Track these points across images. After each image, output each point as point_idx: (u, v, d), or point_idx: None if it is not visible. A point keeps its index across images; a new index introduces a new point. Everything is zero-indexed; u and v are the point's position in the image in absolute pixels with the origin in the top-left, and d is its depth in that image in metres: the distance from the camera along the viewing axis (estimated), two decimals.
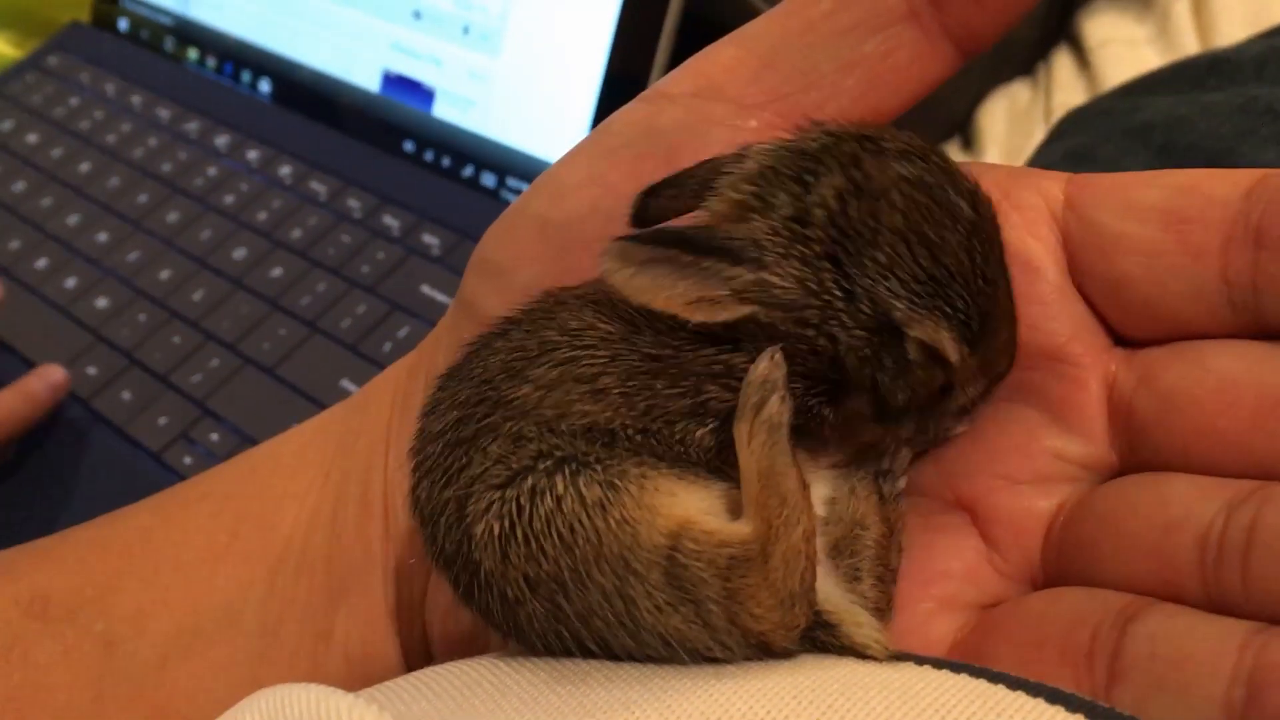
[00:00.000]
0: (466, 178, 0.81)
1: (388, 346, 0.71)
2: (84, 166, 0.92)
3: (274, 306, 0.76)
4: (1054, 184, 0.37)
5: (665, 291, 0.32)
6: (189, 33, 1.00)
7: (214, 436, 0.69)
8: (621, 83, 0.73)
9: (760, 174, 0.34)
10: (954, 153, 0.94)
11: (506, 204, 0.79)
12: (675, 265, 0.32)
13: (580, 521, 0.31)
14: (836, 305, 0.33)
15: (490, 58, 0.80)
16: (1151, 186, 0.35)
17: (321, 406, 0.69)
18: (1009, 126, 0.95)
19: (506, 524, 0.31)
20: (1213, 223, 0.33)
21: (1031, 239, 0.36)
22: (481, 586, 0.33)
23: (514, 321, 0.35)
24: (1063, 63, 0.96)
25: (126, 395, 0.73)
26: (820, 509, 0.35)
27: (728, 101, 0.37)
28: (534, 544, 0.31)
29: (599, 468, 0.31)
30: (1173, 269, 0.34)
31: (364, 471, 0.43)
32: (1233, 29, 0.83)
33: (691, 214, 0.35)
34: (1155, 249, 0.34)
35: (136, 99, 0.97)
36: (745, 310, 0.32)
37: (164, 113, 0.95)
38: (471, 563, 0.33)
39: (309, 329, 0.74)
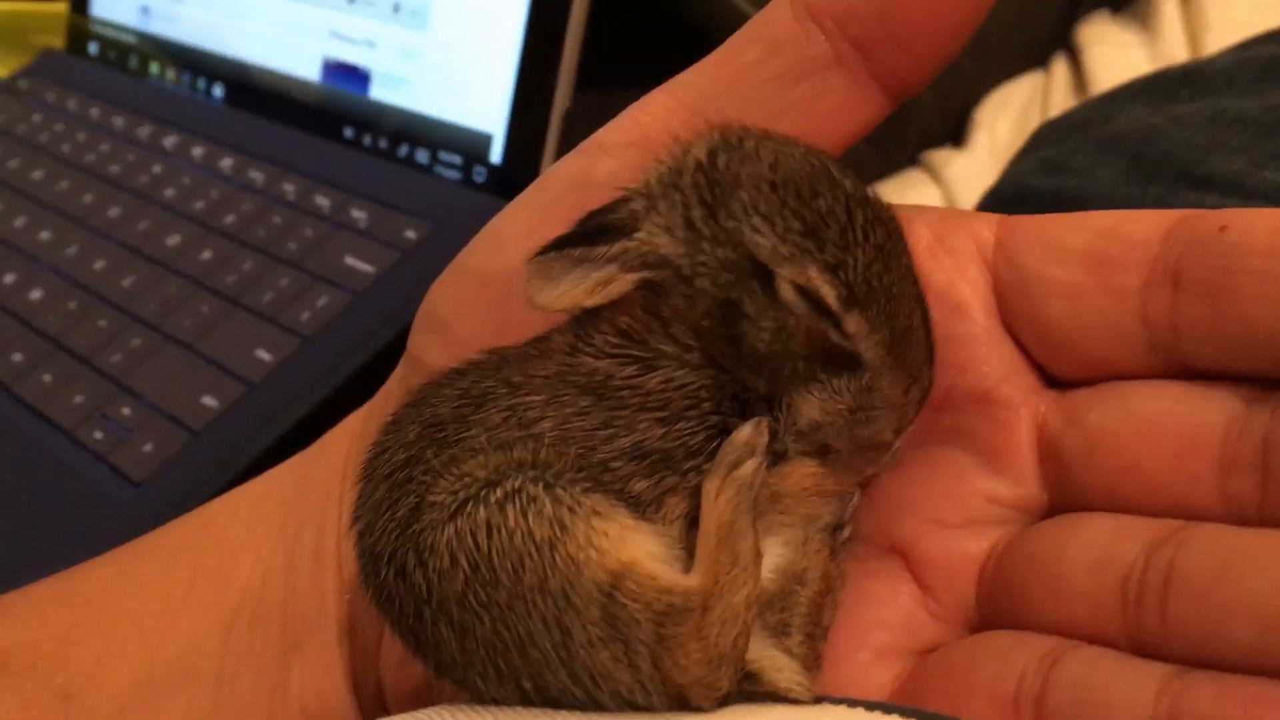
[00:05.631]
0: (402, 157, 0.80)
1: (305, 315, 0.69)
2: (37, 174, 0.92)
3: (200, 286, 0.74)
4: (985, 226, 0.37)
5: (570, 291, 0.33)
6: (151, 47, 1.01)
7: (126, 411, 0.67)
8: (538, 47, 0.71)
9: (653, 169, 0.35)
10: (948, 154, 0.92)
11: (440, 178, 0.77)
12: (575, 263, 0.33)
13: (530, 556, 0.31)
14: (702, 248, 0.32)
15: (419, 34, 0.79)
16: (1077, 229, 0.35)
17: (236, 377, 0.67)
18: (1012, 129, 0.94)
19: (463, 557, 0.32)
20: (1133, 265, 0.34)
21: (960, 281, 0.36)
22: (429, 620, 0.33)
23: (459, 372, 0.36)
24: (1060, 69, 0.95)
25: (47, 378, 0.72)
26: (768, 571, 0.34)
27: (659, 152, 0.37)
28: (486, 574, 0.31)
29: (548, 501, 0.32)
30: (1095, 311, 0.34)
31: (318, 522, 0.43)
32: (1224, 43, 0.81)
33: None
34: (1078, 291, 0.34)
35: (95, 110, 0.98)
36: (633, 278, 0.33)
37: (119, 121, 0.95)
38: (420, 595, 0.33)
39: (231, 305, 0.72)
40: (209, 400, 0.66)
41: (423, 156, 0.79)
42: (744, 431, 0.33)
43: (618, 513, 0.32)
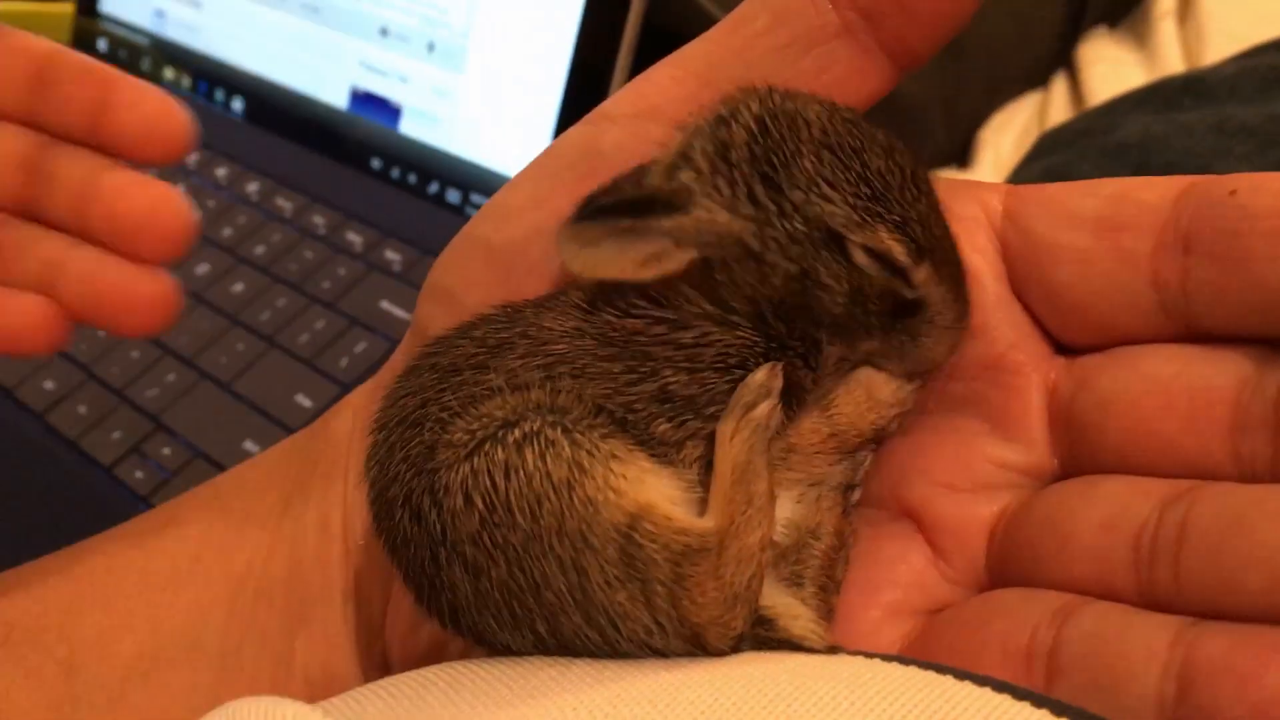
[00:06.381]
0: (432, 194, 0.81)
1: (344, 362, 0.71)
2: None
3: (233, 322, 0.75)
4: (993, 195, 0.37)
5: (616, 260, 0.33)
6: (165, 52, 1.00)
7: (166, 451, 0.69)
8: (581, 98, 0.73)
9: (684, 140, 0.35)
10: (953, 175, 0.95)
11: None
12: (621, 233, 0.33)
13: (548, 498, 0.31)
14: (772, 223, 0.33)
15: (455, 74, 0.80)
16: (1086, 195, 0.35)
17: (276, 422, 0.69)
18: (1014, 148, 0.96)
19: (479, 497, 0.32)
20: (1143, 229, 0.34)
21: (971, 250, 0.37)
22: (443, 562, 0.33)
23: (473, 325, 0.36)
24: (1059, 87, 0.97)
25: (82, 409, 0.73)
26: (780, 525, 0.35)
27: (666, 122, 0.38)
28: (503, 516, 0.32)
29: (567, 444, 0.32)
30: (1105, 276, 0.34)
31: (323, 495, 0.43)
32: (1222, 58, 0.83)
33: None
34: (1088, 257, 0.35)
35: None
36: (688, 255, 0.33)
37: None
38: (435, 536, 0.33)
39: (267, 344, 0.73)
40: (251, 445, 0.67)
41: (454, 197, 0.80)
42: (759, 374, 0.33)
43: (636, 456, 0.33)
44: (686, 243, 0.33)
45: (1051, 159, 0.78)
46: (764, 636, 0.34)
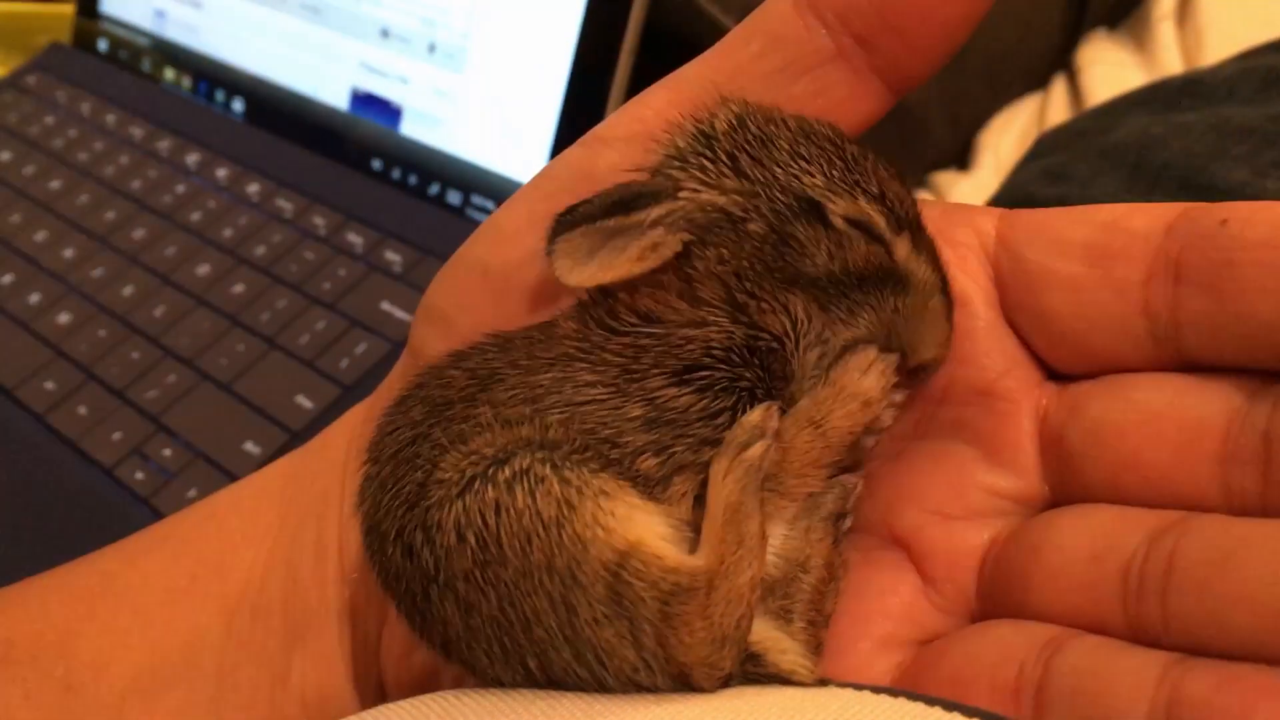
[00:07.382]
0: (433, 195, 0.81)
1: (344, 363, 0.71)
2: (54, 184, 0.92)
3: (234, 323, 0.75)
4: (987, 220, 0.37)
5: (614, 262, 0.34)
6: (165, 53, 1.00)
7: (166, 452, 0.69)
8: (583, 99, 0.73)
9: (667, 148, 0.36)
10: (953, 176, 0.95)
11: (472, 221, 0.79)
12: (611, 235, 0.34)
13: (537, 535, 0.32)
14: (756, 193, 0.34)
15: (455, 75, 0.80)
16: (1079, 223, 0.35)
17: (276, 423, 0.68)
18: (1014, 150, 0.96)
19: (471, 535, 0.32)
20: (1135, 258, 0.34)
21: (963, 275, 0.37)
22: (435, 598, 0.33)
23: (464, 355, 0.36)
24: (1058, 88, 0.97)
25: (83, 410, 0.73)
26: (770, 557, 0.35)
27: (660, 137, 0.38)
28: (494, 553, 0.32)
29: (556, 481, 0.32)
30: (1097, 304, 0.35)
31: (319, 516, 0.44)
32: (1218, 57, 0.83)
33: None
34: (1080, 284, 0.35)
35: (111, 118, 0.97)
36: (682, 238, 0.34)
37: (137, 131, 0.95)
38: (427, 572, 0.33)
39: (267, 345, 0.73)
40: (251, 447, 0.67)
41: (454, 198, 0.80)
42: (754, 415, 0.33)
43: (625, 492, 0.33)
44: (678, 227, 0.34)
45: (1050, 159, 0.78)
46: (752, 672, 0.34)
